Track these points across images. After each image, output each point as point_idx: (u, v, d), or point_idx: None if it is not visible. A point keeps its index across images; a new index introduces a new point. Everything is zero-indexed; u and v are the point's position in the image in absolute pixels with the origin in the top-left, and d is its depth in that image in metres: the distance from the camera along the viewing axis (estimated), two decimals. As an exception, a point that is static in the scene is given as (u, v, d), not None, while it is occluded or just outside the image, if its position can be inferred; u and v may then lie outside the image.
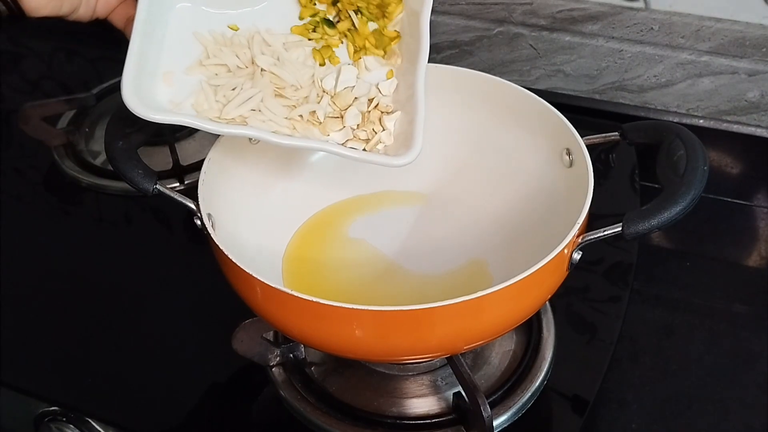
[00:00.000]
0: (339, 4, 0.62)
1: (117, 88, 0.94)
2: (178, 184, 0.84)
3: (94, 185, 0.87)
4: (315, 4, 0.62)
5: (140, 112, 0.55)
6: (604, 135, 0.62)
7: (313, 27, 0.62)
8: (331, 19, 0.62)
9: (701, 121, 0.86)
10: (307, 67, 0.62)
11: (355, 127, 0.60)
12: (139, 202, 0.84)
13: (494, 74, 0.68)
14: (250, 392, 0.66)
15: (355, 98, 0.61)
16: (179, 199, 0.58)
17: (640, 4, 0.83)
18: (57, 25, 1.13)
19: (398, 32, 0.62)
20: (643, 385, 0.66)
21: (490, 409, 0.56)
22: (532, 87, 0.71)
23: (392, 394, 0.63)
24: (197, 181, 0.60)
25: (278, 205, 0.69)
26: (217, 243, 0.54)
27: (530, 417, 0.62)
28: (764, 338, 0.70)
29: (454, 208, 0.70)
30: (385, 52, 0.62)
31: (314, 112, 0.59)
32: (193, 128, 0.89)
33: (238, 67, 0.60)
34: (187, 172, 0.85)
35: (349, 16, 0.62)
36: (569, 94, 0.91)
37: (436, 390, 0.63)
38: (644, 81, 0.87)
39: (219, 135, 0.63)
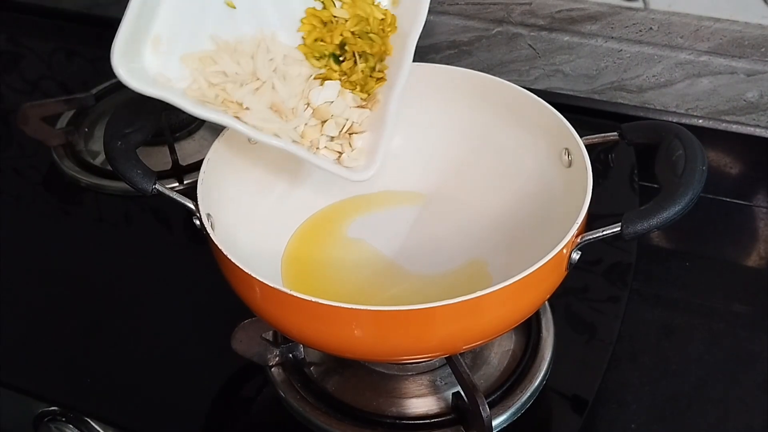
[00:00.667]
0: (347, 47, 0.63)
1: (116, 88, 0.96)
2: (177, 184, 0.84)
3: (94, 185, 0.87)
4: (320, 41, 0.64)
5: (124, 78, 0.55)
6: (603, 135, 0.62)
7: (319, 56, 0.63)
8: (337, 55, 0.64)
9: (700, 121, 0.86)
10: (301, 80, 0.63)
11: (331, 139, 0.62)
12: (138, 202, 0.84)
13: (493, 74, 0.68)
14: (249, 392, 0.66)
15: (332, 115, 0.62)
16: (178, 199, 0.58)
17: (638, 4, 0.83)
18: (57, 25, 1.14)
19: (384, 75, 0.64)
20: (642, 385, 0.66)
21: (489, 409, 0.56)
22: (531, 87, 0.71)
23: (391, 394, 0.63)
24: (196, 181, 0.60)
25: (277, 204, 0.69)
26: (217, 243, 0.54)
27: (529, 417, 0.62)
28: (764, 338, 0.70)
29: (453, 208, 0.71)
30: (368, 95, 0.64)
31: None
32: (192, 128, 0.91)
33: (236, 74, 0.60)
34: (187, 172, 0.85)
35: (354, 57, 0.63)
36: (568, 94, 0.91)
37: (435, 390, 0.63)
38: (643, 81, 0.87)
39: (218, 135, 0.63)
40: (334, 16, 0.63)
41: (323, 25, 0.63)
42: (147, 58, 0.58)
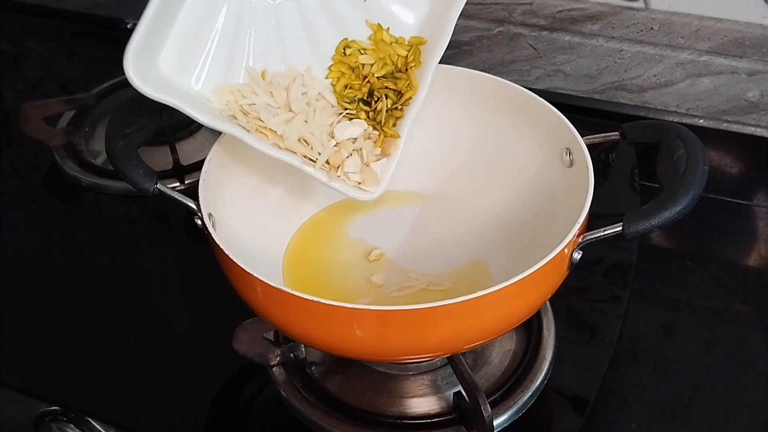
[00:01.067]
0: (376, 93, 0.66)
1: (117, 88, 0.96)
2: (178, 184, 0.84)
3: (94, 185, 0.87)
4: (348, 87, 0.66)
5: (135, 81, 0.55)
6: (604, 135, 0.62)
7: (349, 100, 0.66)
8: (365, 99, 0.66)
9: (701, 120, 0.86)
10: (330, 113, 0.65)
11: (355, 171, 0.64)
12: (139, 202, 0.85)
13: (494, 74, 0.68)
14: (250, 392, 0.66)
15: (353, 150, 0.64)
16: (180, 198, 0.58)
17: (639, 4, 0.83)
18: (57, 25, 1.14)
19: (403, 113, 0.66)
20: (643, 385, 0.66)
21: (491, 408, 0.56)
22: (532, 87, 0.71)
23: (392, 393, 0.63)
24: (198, 180, 0.60)
25: (279, 204, 0.69)
26: (218, 242, 0.54)
27: (530, 417, 0.62)
28: (764, 338, 0.70)
29: (454, 208, 0.71)
30: (381, 129, 0.66)
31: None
32: (193, 128, 0.91)
33: (269, 105, 0.62)
34: (188, 172, 0.85)
35: (379, 99, 0.66)
36: (569, 94, 0.91)
37: (436, 390, 0.63)
38: (644, 81, 0.87)
39: (220, 135, 0.63)
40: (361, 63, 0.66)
41: (351, 71, 0.66)
42: (163, 65, 0.58)
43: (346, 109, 0.65)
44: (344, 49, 0.66)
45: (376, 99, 0.66)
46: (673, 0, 0.82)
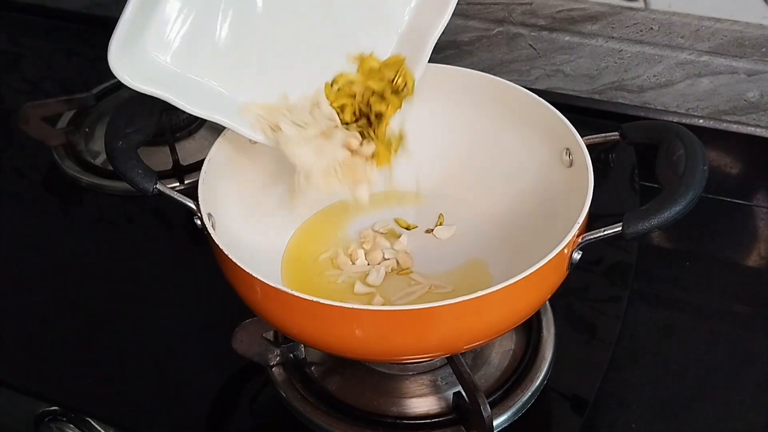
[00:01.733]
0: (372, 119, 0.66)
1: (117, 88, 0.96)
2: (178, 184, 0.84)
3: (94, 185, 0.87)
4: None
5: (120, 74, 0.54)
6: (603, 135, 0.63)
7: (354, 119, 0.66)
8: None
9: (701, 120, 0.86)
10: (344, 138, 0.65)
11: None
12: (139, 202, 0.84)
13: (494, 74, 0.68)
14: (250, 392, 0.66)
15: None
16: (179, 198, 0.58)
17: (639, 4, 0.83)
18: (57, 25, 1.14)
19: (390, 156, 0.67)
20: (643, 385, 0.66)
21: (490, 408, 0.56)
22: (532, 87, 0.71)
23: (392, 393, 0.63)
24: (197, 180, 0.60)
25: (278, 204, 0.69)
26: (217, 243, 0.54)
27: (530, 417, 0.62)
28: (764, 338, 0.70)
29: (454, 208, 0.71)
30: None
31: None
32: (193, 128, 0.91)
33: (293, 122, 0.62)
34: (187, 172, 0.84)
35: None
36: (569, 94, 0.91)
37: (436, 390, 0.63)
38: (644, 81, 0.87)
39: (219, 134, 0.64)
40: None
41: (353, 98, 0.65)
42: (150, 56, 0.58)
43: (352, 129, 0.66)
44: (332, 85, 0.66)
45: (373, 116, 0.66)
46: (673, 0, 0.82)
